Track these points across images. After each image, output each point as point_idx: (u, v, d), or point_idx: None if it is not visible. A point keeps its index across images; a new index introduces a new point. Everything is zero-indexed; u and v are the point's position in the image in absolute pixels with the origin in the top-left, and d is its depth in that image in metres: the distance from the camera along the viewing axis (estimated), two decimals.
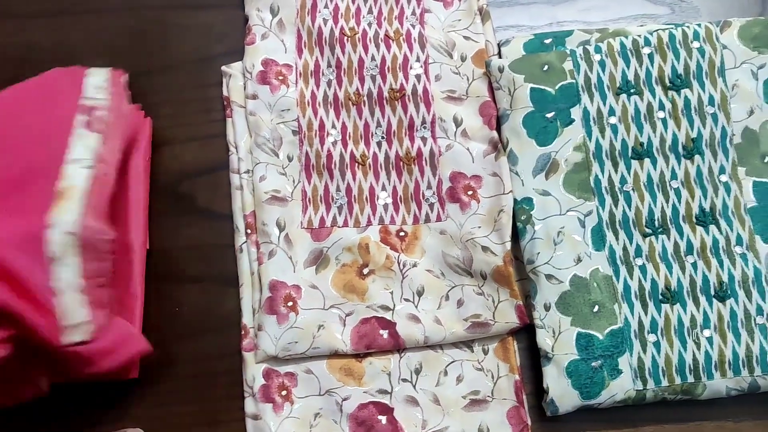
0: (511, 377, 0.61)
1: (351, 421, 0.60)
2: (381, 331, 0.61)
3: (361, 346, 0.61)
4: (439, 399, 0.60)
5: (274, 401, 0.60)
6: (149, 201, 0.65)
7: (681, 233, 0.62)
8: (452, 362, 0.61)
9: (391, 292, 0.62)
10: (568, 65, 0.65)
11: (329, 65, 0.68)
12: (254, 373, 0.61)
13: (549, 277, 0.60)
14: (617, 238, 0.62)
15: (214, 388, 0.62)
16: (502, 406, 0.60)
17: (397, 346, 0.61)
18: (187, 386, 0.62)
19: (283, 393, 0.61)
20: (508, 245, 0.62)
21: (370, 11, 0.69)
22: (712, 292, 0.60)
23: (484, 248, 0.62)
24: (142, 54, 0.70)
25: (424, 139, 0.66)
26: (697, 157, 0.63)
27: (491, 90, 0.66)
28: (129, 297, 0.61)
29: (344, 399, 0.60)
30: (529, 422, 0.60)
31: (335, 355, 0.61)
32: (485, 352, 0.62)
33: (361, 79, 0.67)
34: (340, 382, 0.61)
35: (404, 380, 0.61)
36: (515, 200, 0.63)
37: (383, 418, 0.60)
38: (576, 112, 0.64)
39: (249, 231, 0.64)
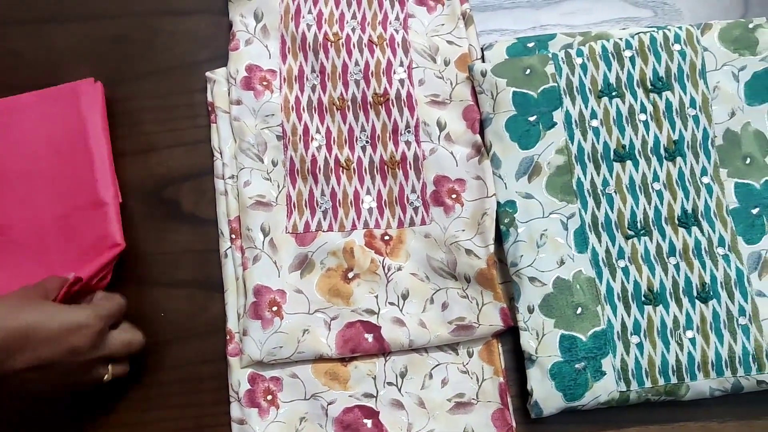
0: (496, 380, 0.61)
1: (337, 425, 0.60)
2: (366, 335, 0.61)
3: (347, 350, 0.61)
4: (425, 402, 0.61)
5: (259, 406, 0.60)
6: (134, 206, 0.66)
7: (663, 235, 0.62)
8: (437, 365, 0.62)
9: (376, 296, 0.63)
10: (550, 69, 0.65)
11: (313, 70, 0.68)
12: (239, 377, 0.61)
13: (532, 279, 0.61)
14: (600, 240, 0.62)
15: (200, 393, 0.62)
16: (486, 408, 0.60)
17: (383, 350, 0.61)
18: (173, 391, 0.62)
19: (269, 397, 0.61)
20: (492, 248, 0.62)
21: (353, 16, 0.69)
22: (695, 294, 0.61)
23: (468, 251, 0.62)
24: (127, 60, 0.71)
25: (408, 143, 0.66)
26: (678, 159, 0.63)
27: (474, 94, 0.67)
28: (109, 246, 0.62)
29: (330, 403, 0.60)
30: (514, 424, 0.60)
31: (320, 359, 0.62)
32: (470, 355, 0.62)
33: (345, 84, 0.67)
34: (326, 386, 0.61)
35: (389, 384, 0.61)
36: (498, 203, 0.63)
37: (369, 422, 0.60)
38: (558, 116, 0.64)
39: (234, 236, 0.64)
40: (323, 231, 0.64)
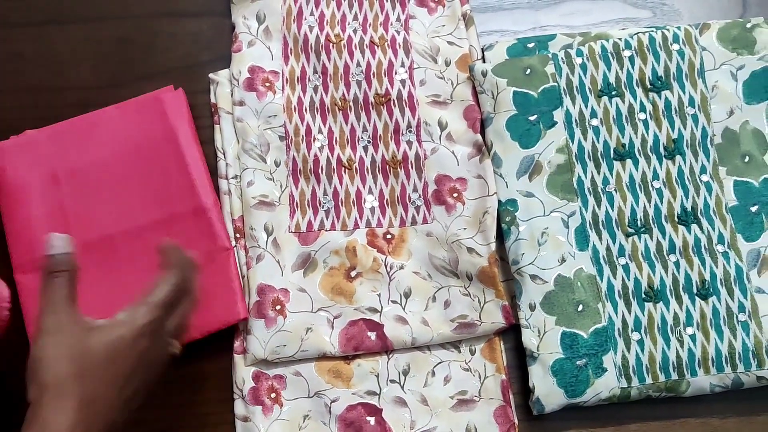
0: (498, 377, 0.61)
1: (340, 422, 0.60)
2: (369, 333, 0.62)
3: (350, 348, 0.62)
4: (427, 399, 0.61)
5: (263, 403, 0.61)
6: None
7: (663, 233, 0.62)
8: (440, 363, 0.62)
9: (379, 295, 0.63)
10: (550, 69, 0.66)
11: (315, 71, 0.68)
12: (244, 375, 0.61)
13: (534, 277, 0.61)
14: (600, 238, 0.62)
15: (204, 391, 0.62)
16: (489, 405, 0.61)
17: (385, 348, 0.62)
18: (178, 388, 0.62)
19: (272, 395, 0.61)
20: (493, 246, 0.63)
21: (355, 18, 0.70)
22: (695, 290, 0.61)
23: (470, 249, 0.63)
24: (129, 62, 0.71)
25: (409, 143, 0.66)
26: (678, 158, 0.64)
27: (475, 94, 0.67)
28: (219, 251, 0.63)
29: (333, 401, 0.61)
30: (516, 421, 0.60)
31: (324, 357, 0.62)
32: (472, 353, 0.62)
33: (347, 85, 0.68)
34: (329, 384, 0.61)
35: (392, 381, 0.62)
36: (499, 202, 0.64)
37: (372, 419, 0.60)
38: (558, 115, 0.65)
39: (238, 235, 0.65)
40: (326, 230, 0.65)
